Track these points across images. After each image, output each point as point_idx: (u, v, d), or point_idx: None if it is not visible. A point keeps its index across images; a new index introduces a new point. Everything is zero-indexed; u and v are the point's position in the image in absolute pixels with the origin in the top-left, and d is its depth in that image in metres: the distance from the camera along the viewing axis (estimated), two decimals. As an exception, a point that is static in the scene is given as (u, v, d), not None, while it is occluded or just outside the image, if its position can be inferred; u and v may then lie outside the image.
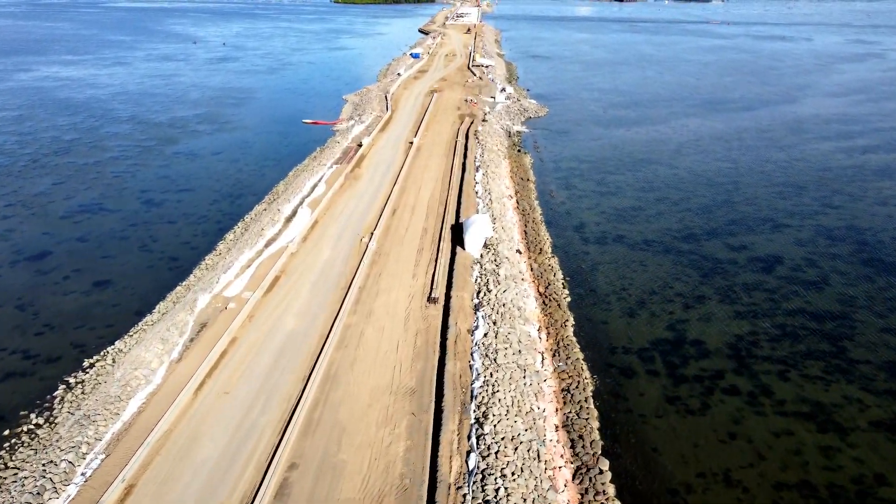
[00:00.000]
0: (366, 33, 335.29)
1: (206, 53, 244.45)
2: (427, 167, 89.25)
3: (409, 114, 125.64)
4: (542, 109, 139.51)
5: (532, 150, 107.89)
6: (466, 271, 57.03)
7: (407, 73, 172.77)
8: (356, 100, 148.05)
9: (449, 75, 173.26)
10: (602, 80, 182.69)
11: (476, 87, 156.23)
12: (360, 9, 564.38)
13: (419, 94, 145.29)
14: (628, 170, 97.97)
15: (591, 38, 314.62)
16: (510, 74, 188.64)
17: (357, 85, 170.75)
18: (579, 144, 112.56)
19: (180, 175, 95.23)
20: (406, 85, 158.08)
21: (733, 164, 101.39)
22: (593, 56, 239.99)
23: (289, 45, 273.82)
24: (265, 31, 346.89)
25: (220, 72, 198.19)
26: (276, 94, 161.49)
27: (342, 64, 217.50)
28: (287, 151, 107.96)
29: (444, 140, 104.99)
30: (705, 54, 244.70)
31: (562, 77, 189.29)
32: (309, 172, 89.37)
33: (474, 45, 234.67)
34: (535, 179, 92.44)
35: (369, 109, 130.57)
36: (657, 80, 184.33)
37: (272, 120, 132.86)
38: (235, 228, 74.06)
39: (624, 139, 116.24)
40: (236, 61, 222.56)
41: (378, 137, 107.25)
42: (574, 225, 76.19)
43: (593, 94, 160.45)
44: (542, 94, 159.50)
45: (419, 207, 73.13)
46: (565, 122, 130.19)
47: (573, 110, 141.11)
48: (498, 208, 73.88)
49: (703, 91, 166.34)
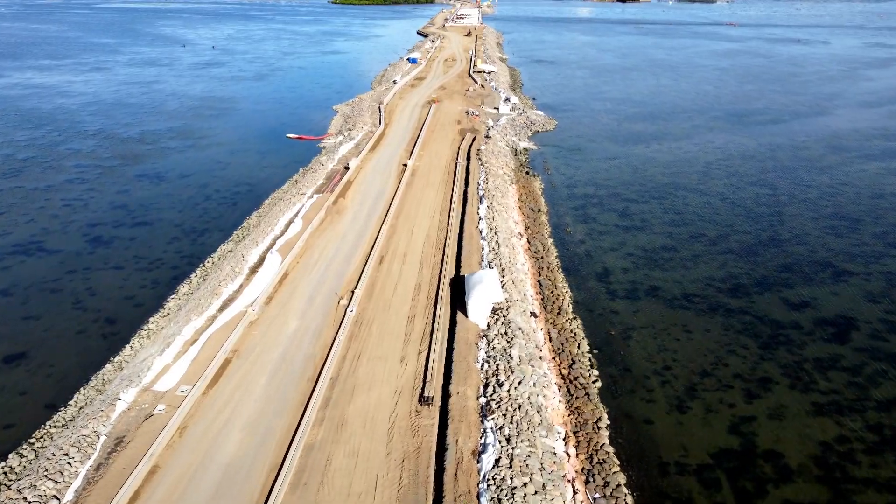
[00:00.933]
0: (362, 36, 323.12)
1: (193, 58, 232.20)
2: (422, 198, 76.91)
3: (404, 129, 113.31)
4: (551, 122, 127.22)
5: (542, 172, 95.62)
6: (470, 351, 44.70)
7: (403, 81, 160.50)
8: (347, 111, 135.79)
9: (448, 83, 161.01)
10: (613, 88, 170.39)
11: (478, 96, 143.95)
12: (358, 10, 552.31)
13: (416, 105, 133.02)
14: (653, 197, 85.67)
15: (597, 40, 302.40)
16: (514, 81, 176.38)
17: (349, 93, 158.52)
18: (594, 165, 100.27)
19: (139, 204, 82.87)
20: (402, 94, 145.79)
21: (771, 189, 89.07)
22: (601, 61, 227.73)
23: (280, 49, 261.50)
24: (258, 33, 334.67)
25: (204, 78, 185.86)
26: (261, 104, 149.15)
27: (334, 70, 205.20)
28: (265, 174, 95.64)
29: (443, 162, 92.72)
30: (719, 59, 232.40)
31: (570, 84, 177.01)
32: (286, 203, 77.06)
33: (475, 50, 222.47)
34: (547, 210, 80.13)
35: (360, 123, 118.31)
36: (673, 88, 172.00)
37: (253, 134, 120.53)
38: (192, 278, 61.71)
39: (644, 158, 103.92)
40: (223, 66, 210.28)
41: (368, 158, 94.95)
42: (597, 272, 63.87)
43: (605, 105, 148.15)
44: (550, 104, 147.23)
45: (412, 254, 60.80)
46: (577, 137, 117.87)
47: (584, 123, 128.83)
48: (506, 253, 61.57)
49: (724, 101, 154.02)
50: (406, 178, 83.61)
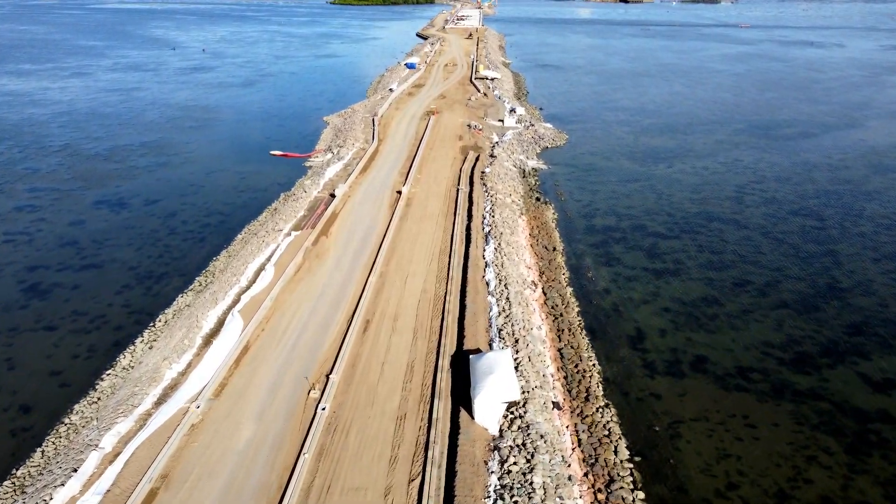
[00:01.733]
0: (359, 38, 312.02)
1: (181, 62, 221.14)
2: (419, 235, 65.88)
3: (400, 146, 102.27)
4: (561, 136, 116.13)
5: (554, 198, 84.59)
6: (478, 478, 33.67)
7: (400, 89, 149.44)
8: (339, 123, 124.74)
9: (449, 91, 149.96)
10: (625, 96, 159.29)
11: (480, 106, 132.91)
12: (357, 10, 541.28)
13: (413, 117, 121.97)
14: (683, 230, 74.64)
15: (603, 43, 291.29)
16: (519, 89, 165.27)
17: (342, 102, 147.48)
18: (612, 188, 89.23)
19: (93, 239, 71.82)
20: (398, 104, 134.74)
21: (818, 221, 78.01)
22: (610, 65, 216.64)
23: (273, 52, 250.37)
24: (251, 35, 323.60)
25: (190, 85, 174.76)
26: (246, 115, 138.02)
27: (328, 76, 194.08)
28: (242, 199, 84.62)
29: (443, 187, 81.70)
30: (733, 63, 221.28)
31: (578, 92, 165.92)
32: (259, 241, 66.08)
33: (477, 54, 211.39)
34: (562, 248, 69.09)
35: (352, 138, 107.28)
36: (688, 96, 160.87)
37: (234, 151, 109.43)
38: (136, 345, 50.58)
39: (668, 181, 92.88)
40: (211, 71, 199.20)
41: (358, 182, 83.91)
42: (628, 335, 52.85)
43: (618, 115, 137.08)
44: (559, 114, 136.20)
45: (404, 316, 49.73)
46: (590, 154, 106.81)
47: (597, 138, 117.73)
48: (519, 314, 50.54)
49: (745, 111, 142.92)
50: (400, 209, 72.55)
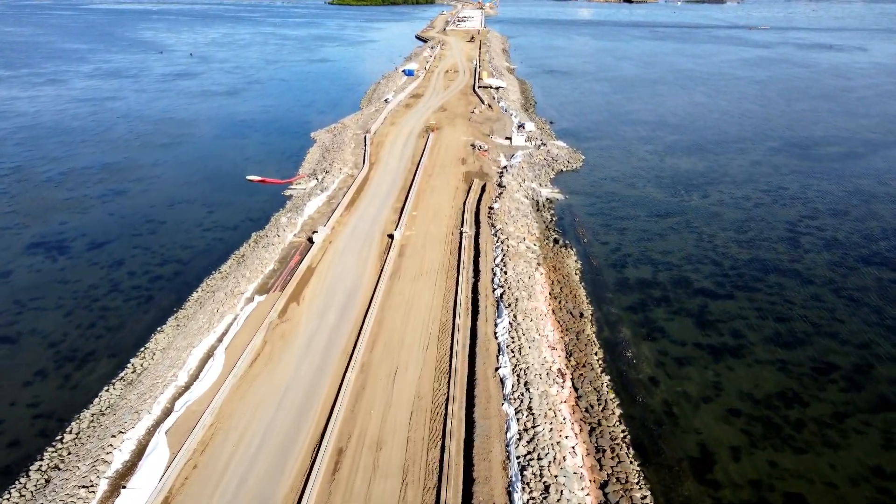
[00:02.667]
0: (356, 40, 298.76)
1: (166, 67, 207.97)
2: (413, 304, 52.66)
3: (394, 171, 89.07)
4: (576, 157, 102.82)
5: (575, 239, 71.34)
6: None
7: (397, 100, 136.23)
8: (327, 140, 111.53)
9: (450, 102, 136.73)
10: (642, 107, 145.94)
11: (485, 120, 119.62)
12: (355, 11, 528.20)
13: (410, 134, 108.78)
14: (736, 285, 61.32)
15: (612, 46, 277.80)
16: (526, 99, 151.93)
17: (333, 114, 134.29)
18: (643, 226, 75.94)
19: (14, 299, 58.56)
20: (394, 117, 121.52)
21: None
22: (621, 71, 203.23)
23: (264, 56, 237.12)
24: (244, 37, 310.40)
25: (170, 94, 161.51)
26: (226, 130, 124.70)
27: (320, 83, 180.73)
28: (206, 241, 71.38)
29: (443, 228, 68.47)
30: (753, 69, 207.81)
31: (590, 102, 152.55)
32: (215, 307, 52.93)
33: (479, 59, 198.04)
34: (591, 313, 55.82)
35: (340, 161, 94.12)
36: (711, 107, 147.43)
37: (205, 175, 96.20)
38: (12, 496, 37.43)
39: (705, 215, 79.56)
40: (196, 78, 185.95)
41: (343, 221, 70.66)
42: (690, 458, 39.50)
43: (637, 130, 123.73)
44: (571, 129, 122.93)
45: (390, 445, 36.45)
46: (611, 179, 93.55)
47: (617, 158, 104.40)
48: (546, 435, 37.30)
49: (776, 125, 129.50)
50: (391, 262, 59.34)
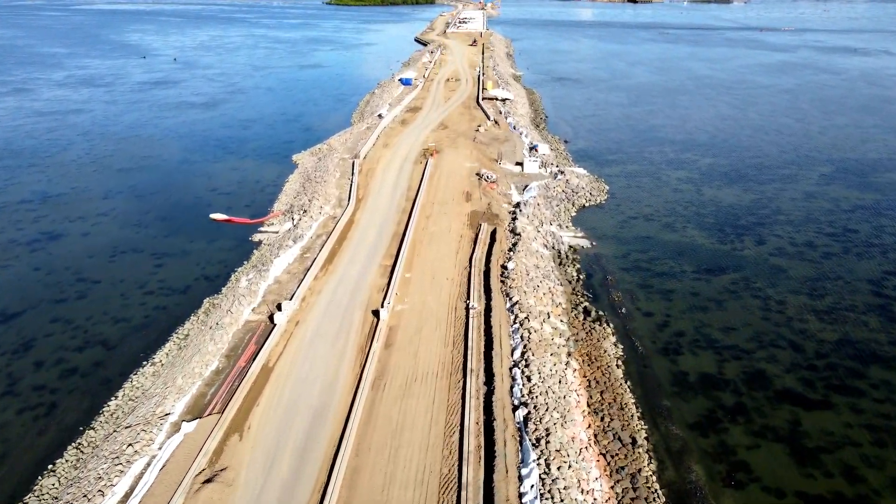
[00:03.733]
0: (352, 43, 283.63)
1: (145, 74, 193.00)
2: (401, 431, 37.81)
3: (385, 212, 74.16)
4: (599, 188, 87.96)
5: (609, 308, 56.54)
6: None
7: (391, 115, 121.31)
8: (310, 166, 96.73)
9: (451, 117, 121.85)
10: (664, 122, 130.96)
11: (492, 141, 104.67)
12: (353, 12, 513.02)
13: (405, 160, 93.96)
14: (831, 385, 46.49)
15: (622, 50, 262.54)
16: (536, 113, 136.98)
17: (320, 131, 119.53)
18: (691, 287, 61.06)
19: None
20: (387, 138, 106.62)
21: None
22: (636, 78, 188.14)
23: (252, 62, 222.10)
24: (234, 40, 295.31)
25: (143, 105, 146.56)
26: (196, 151, 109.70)
27: (309, 93, 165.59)
28: (141, 315, 56.47)
29: (443, 300, 53.66)
30: (778, 75, 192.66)
31: (606, 116, 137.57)
32: (124, 440, 38.14)
33: (483, 66, 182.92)
34: (647, 442, 40.90)
35: (321, 194, 79.38)
36: (742, 122, 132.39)
37: (162, 211, 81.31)
38: None
39: (767, 272, 64.61)
40: (174, 87, 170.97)
41: (315, 290, 55.81)
42: None
43: (663, 151, 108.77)
44: (589, 150, 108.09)
45: None
46: (644, 218, 78.61)
47: (646, 189, 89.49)
48: None
49: (821, 144, 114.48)
50: (375, 358, 44.47)
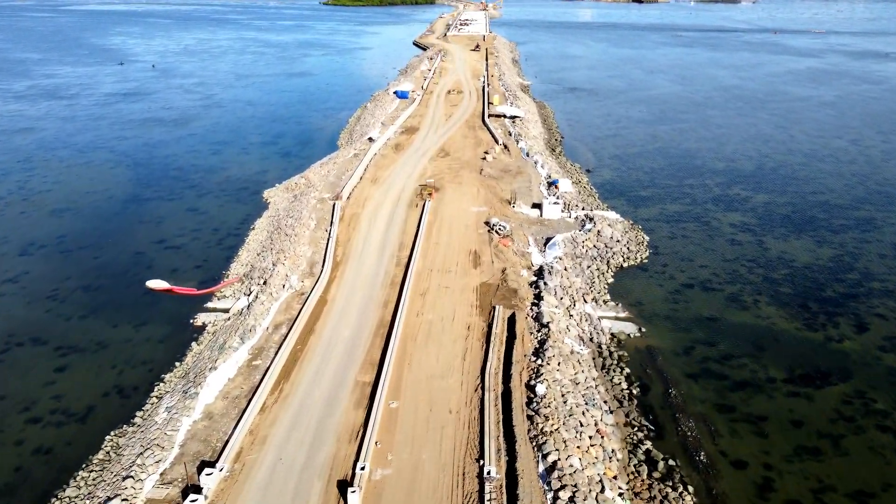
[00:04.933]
0: (346, 48, 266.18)
1: (117, 83, 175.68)
2: None
3: (368, 285, 56.77)
4: (637, 239, 70.61)
5: (683, 454, 39.33)
6: None
7: (383, 138, 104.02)
8: (282, 206, 79.62)
9: (453, 140, 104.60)
10: (700, 145, 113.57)
11: (502, 173, 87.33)
12: (350, 13, 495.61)
13: (397, 203, 76.72)
14: None
15: (636, 55, 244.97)
16: (549, 133, 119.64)
17: (301, 158, 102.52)
18: (789, 408, 43.91)
19: None
20: (377, 171, 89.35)
21: None
22: (657, 89, 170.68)
23: (237, 69, 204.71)
24: (221, 44, 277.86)
25: (104, 123, 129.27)
26: (148, 186, 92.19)
27: (293, 108, 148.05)
28: (7, 471, 39.29)
29: (445, 450, 36.39)
30: (813, 86, 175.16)
31: (631, 136, 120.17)
32: None
33: (488, 75, 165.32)
34: None
35: (290, 254, 62.19)
36: (790, 145, 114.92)
37: (87, 276, 63.88)
38: None
39: (887, 380, 47.44)
40: (145, 99, 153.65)
41: (258, 435, 38.45)
42: None
43: (706, 185, 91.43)
44: (617, 183, 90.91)
45: None
46: (702, 287, 61.25)
47: (696, 240, 72.07)
48: None
49: (888, 174, 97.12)
50: None
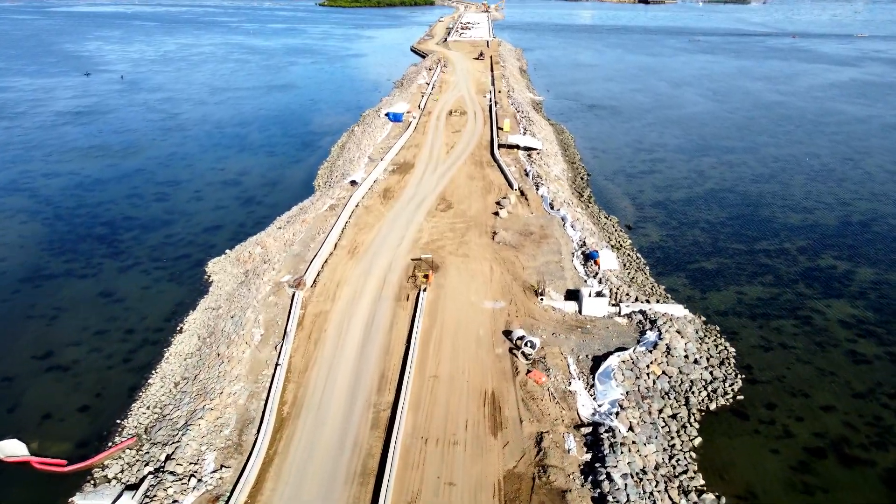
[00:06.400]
0: (337, 55, 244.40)
1: (73, 99, 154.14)
2: None
3: (327, 468, 35.17)
4: (719, 358, 49.26)
5: None
6: None
7: (370, 181, 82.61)
8: (225, 289, 58.21)
9: (457, 185, 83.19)
10: (763, 189, 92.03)
11: (521, 236, 65.69)
12: (346, 14, 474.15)
13: (380, 291, 55.24)
14: None
15: (656, 63, 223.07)
16: (574, 171, 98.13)
17: (262, 209, 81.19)
18: None
19: None
20: (356, 235, 67.75)
21: None
22: (687, 106, 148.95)
23: (214, 80, 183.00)
24: (204, 50, 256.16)
25: (38, 151, 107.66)
26: (62, 250, 70.26)
27: (267, 132, 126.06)
28: None
29: None
30: (867, 104, 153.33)
31: (673, 174, 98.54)
32: None
33: (495, 93, 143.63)
34: None
35: (215, 387, 40.77)
36: (866, 184, 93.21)
37: None
38: None
39: None
40: (98, 120, 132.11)
41: None
42: None
43: (787, 252, 69.84)
44: (670, 249, 69.44)
45: None
46: (835, 454, 39.89)
47: (805, 357, 50.63)
48: None
49: None
50: None
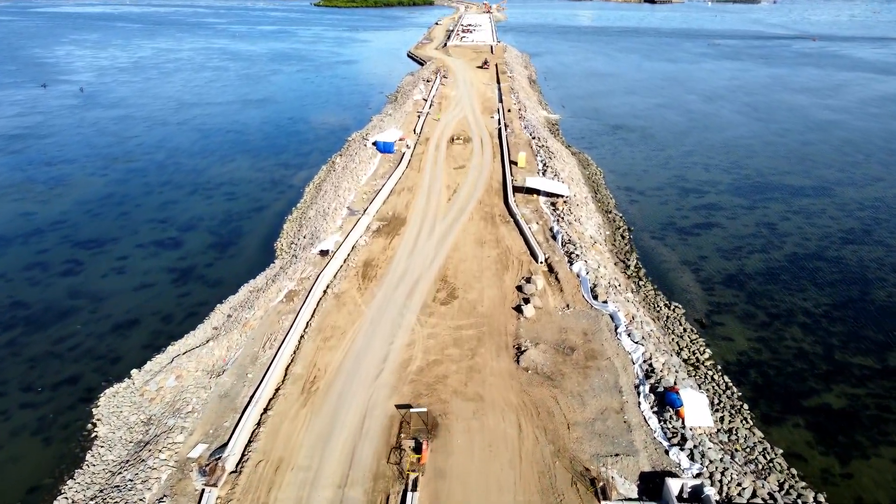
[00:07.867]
0: (328, 61, 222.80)
1: (14, 118, 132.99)
2: None
3: None
4: None
5: None
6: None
7: (346, 248, 61.36)
8: (96, 475, 36.85)
9: (460, 257, 61.86)
10: (858, 254, 70.95)
11: (555, 360, 44.42)
12: (341, 15, 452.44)
13: (344, 481, 33.88)
14: None
15: (678, 71, 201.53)
16: (611, 224, 76.84)
17: (208, 287, 60.03)
18: None
19: None
20: (316, 354, 46.42)
21: None
22: (728, 129, 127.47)
23: (183, 94, 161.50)
24: (182, 55, 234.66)
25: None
26: None
27: (231, 164, 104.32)
28: None
29: None
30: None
31: (735, 229, 77.32)
32: None
33: (503, 112, 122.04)
34: None
35: None
36: None
37: None
38: None
39: None
40: (34, 146, 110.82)
41: None
42: None
43: None
44: (768, 368, 48.13)
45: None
46: None
47: None
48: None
49: None
50: None
